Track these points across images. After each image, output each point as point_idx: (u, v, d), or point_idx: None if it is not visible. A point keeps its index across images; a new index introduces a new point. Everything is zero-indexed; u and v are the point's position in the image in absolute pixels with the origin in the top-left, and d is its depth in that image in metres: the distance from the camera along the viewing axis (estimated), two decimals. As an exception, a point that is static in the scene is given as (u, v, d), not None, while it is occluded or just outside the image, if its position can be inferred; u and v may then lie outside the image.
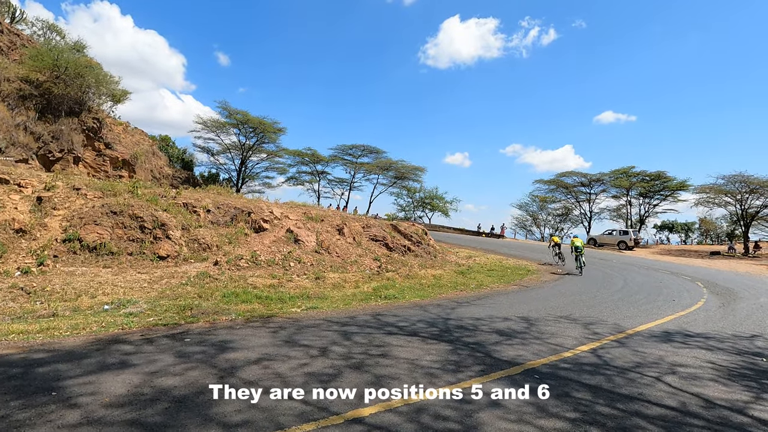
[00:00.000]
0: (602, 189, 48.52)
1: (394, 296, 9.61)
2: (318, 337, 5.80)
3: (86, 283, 7.94)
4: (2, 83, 20.45)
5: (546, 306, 9.24)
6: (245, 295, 8.33)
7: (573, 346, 6.02)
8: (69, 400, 3.39)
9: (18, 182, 9.87)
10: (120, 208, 10.01)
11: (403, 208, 51.08)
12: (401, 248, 15.69)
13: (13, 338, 5.13)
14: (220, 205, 12.78)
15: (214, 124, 39.50)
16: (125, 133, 29.51)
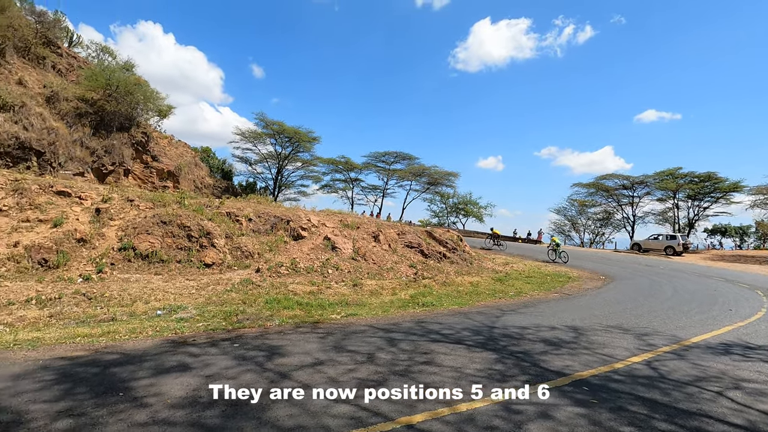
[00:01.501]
0: (646, 192, 46.25)
1: (432, 303, 9.57)
2: (364, 343, 5.87)
3: (140, 289, 8.39)
4: (62, 103, 22.03)
5: (592, 315, 8.92)
6: (287, 302, 8.54)
7: (625, 357, 5.78)
8: (136, 401, 3.61)
9: (79, 195, 10.61)
10: (169, 218, 10.54)
11: (436, 214, 50.72)
12: (437, 255, 15.60)
13: (80, 341, 5.50)
14: (260, 213, 13.19)
15: (252, 135, 40.89)
16: (170, 145, 31.02)
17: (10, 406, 3.43)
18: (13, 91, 19.28)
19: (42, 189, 10.21)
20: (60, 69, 25.25)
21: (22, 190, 9.89)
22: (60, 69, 25.25)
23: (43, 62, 23.79)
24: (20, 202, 9.60)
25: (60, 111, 21.68)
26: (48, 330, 6.04)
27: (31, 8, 24.87)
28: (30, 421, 3.20)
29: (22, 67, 21.91)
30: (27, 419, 3.23)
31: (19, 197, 9.71)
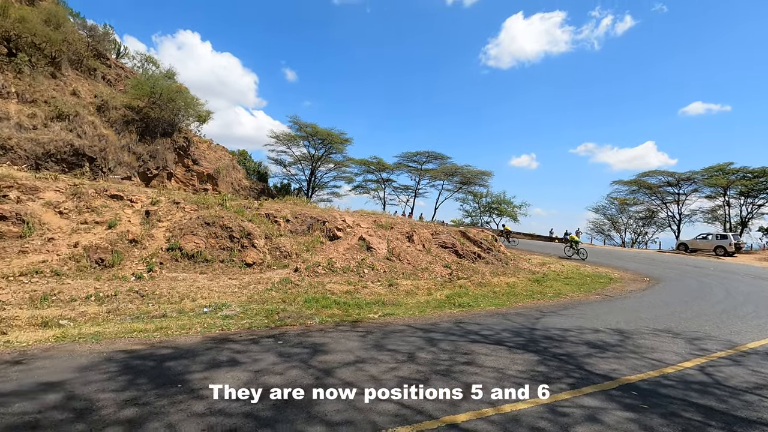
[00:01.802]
0: (693, 189, 43.72)
1: (469, 304, 9.50)
2: (404, 342, 5.93)
3: (187, 288, 8.80)
4: (111, 111, 23.35)
5: (638, 317, 8.59)
6: (325, 301, 8.72)
7: (676, 362, 5.56)
8: (193, 392, 3.82)
9: (130, 198, 11.26)
10: (212, 220, 11.00)
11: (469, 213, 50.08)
12: (471, 255, 15.45)
13: (136, 335, 5.85)
14: (297, 214, 13.52)
15: (286, 138, 41.87)
16: (209, 149, 32.25)
17: (82, 395, 3.71)
18: (68, 101, 20.62)
19: (97, 193, 10.90)
20: (109, 79, 26.80)
21: (80, 194, 10.60)
22: (109, 79, 26.80)
23: (94, 73, 25.30)
24: (78, 205, 10.29)
25: (109, 119, 23.01)
26: (107, 325, 6.45)
27: (83, 23, 26.53)
28: (100, 408, 3.46)
29: (75, 78, 23.39)
30: (97, 407, 3.49)
31: (78, 201, 10.41)
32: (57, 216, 9.80)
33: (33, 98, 19.61)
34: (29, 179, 10.53)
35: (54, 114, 19.52)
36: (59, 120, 19.64)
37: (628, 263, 20.90)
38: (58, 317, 6.60)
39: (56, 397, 3.66)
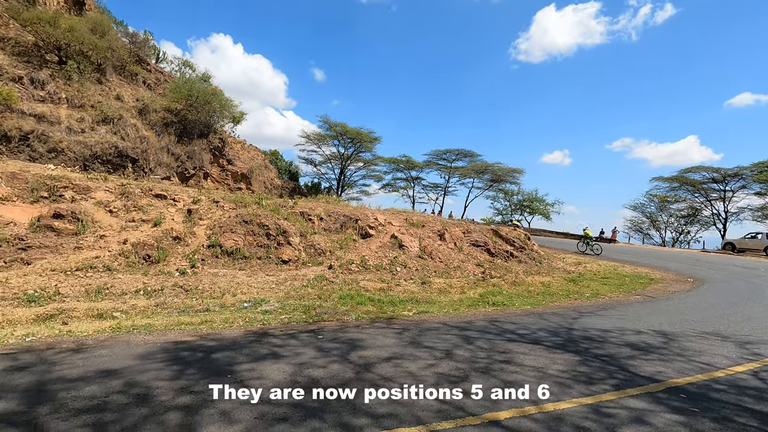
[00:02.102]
0: (741, 185, 41.19)
1: (503, 303, 9.41)
2: (440, 339, 5.97)
3: (227, 283, 9.13)
4: (151, 114, 24.39)
5: (683, 320, 8.27)
6: (359, 298, 8.85)
7: (726, 366, 5.33)
8: (242, 383, 4.00)
9: (173, 197, 11.78)
10: (250, 218, 11.35)
11: (500, 211, 49.36)
12: (503, 254, 15.24)
13: (184, 328, 6.15)
14: (330, 213, 13.74)
15: (316, 137, 42.49)
16: (242, 150, 33.14)
17: (141, 382, 3.96)
18: (112, 105, 21.70)
19: (143, 192, 11.47)
20: (149, 83, 27.99)
21: (128, 194, 11.18)
22: (149, 83, 27.99)
23: (136, 78, 26.49)
24: (126, 204, 10.86)
25: (150, 121, 24.04)
26: (156, 317, 6.80)
27: (125, 30, 27.81)
28: (158, 395, 3.68)
29: (119, 83, 24.57)
30: (155, 394, 3.71)
31: (126, 200, 10.99)
32: (107, 214, 10.38)
33: (81, 103, 20.74)
34: (82, 180, 11.19)
35: (100, 118, 20.59)
36: (104, 123, 20.69)
37: (669, 263, 20.04)
38: (112, 309, 7.01)
39: (118, 383, 3.91)
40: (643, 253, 25.96)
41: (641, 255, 24.33)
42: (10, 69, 17.58)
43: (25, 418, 3.19)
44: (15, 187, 10.16)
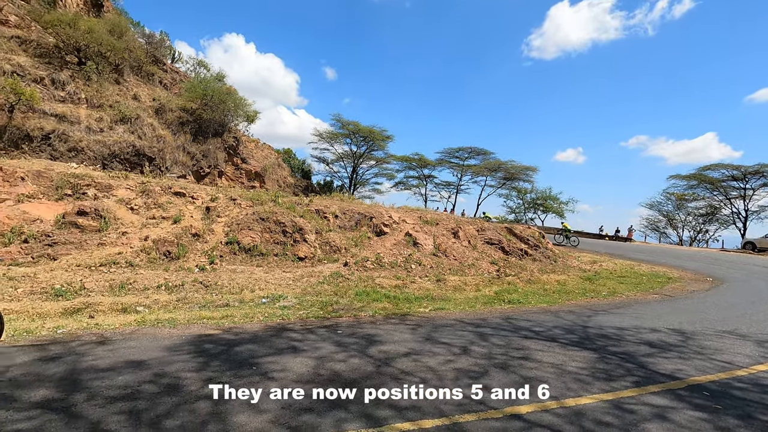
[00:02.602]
0: (763, 183, 40.21)
1: (519, 301, 9.40)
2: (455, 336, 6.02)
3: (245, 279, 9.29)
4: (167, 113, 24.78)
5: (701, 318, 8.17)
6: (375, 294, 8.93)
7: (747, 365, 5.29)
8: (266, 375, 4.11)
9: (191, 195, 12.01)
10: (266, 215, 11.52)
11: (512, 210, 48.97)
12: (518, 252, 15.19)
13: (207, 322, 6.31)
14: (345, 210, 13.85)
15: (329, 135, 42.72)
16: (256, 148, 33.48)
17: (169, 372, 4.09)
18: (130, 105, 22.12)
19: (162, 190, 11.71)
20: (165, 83, 28.44)
21: (148, 192, 11.44)
22: (165, 83, 28.44)
23: (152, 78, 26.94)
24: (147, 201, 11.11)
25: (166, 121, 24.43)
26: (178, 312, 6.98)
27: (142, 31, 28.30)
28: (186, 385, 3.81)
29: (136, 83, 25.02)
30: (183, 384, 3.84)
31: (146, 198, 11.24)
32: (129, 212, 10.63)
33: (100, 103, 21.19)
34: (104, 178, 11.48)
35: (118, 117, 21.01)
36: (122, 123, 21.11)
37: (687, 262, 19.72)
38: (135, 304, 7.21)
39: (148, 373, 4.05)
40: (659, 252, 25.57)
41: (658, 254, 23.98)
42: (32, 70, 18.04)
43: (64, 404, 3.33)
44: (40, 185, 10.47)
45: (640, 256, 21.24)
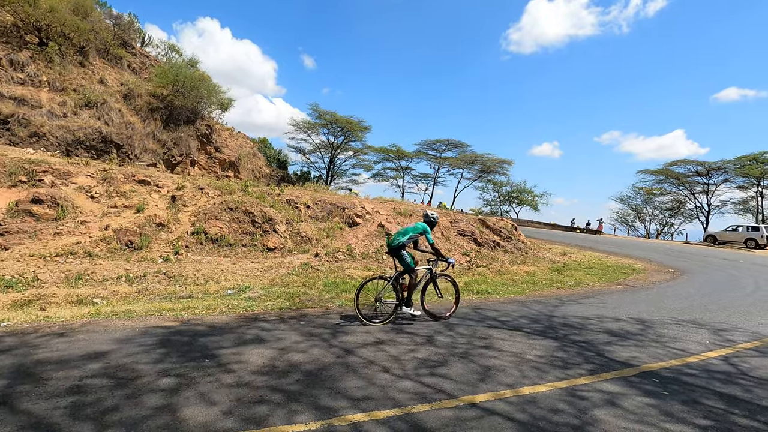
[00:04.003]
0: (724, 179, 42.11)
1: (488, 291, 9.51)
2: (422, 326, 6.02)
3: (212, 270, 9.07)
4: (136, 99, 23.85)
5: (661, 308, 8.45)
6: (344, 285, 8.86)
7: (699, 352, 5.48)
8: (223, 366, 4.01)
9: (157, 183, 11.61)
10: (235, 205, 11.25)
11: (488, 202, 49.74)
12: (490, 243, 15.37)
13: (166, 313, 6.11)
14: (317, 201, 13.68)
15: (306, 125, 42.13)
16: (231, 137, 32.68)
17: (123, 365, 3.93)
18: (96, 89, 21.19)
19: (126, 178, 11.27)
20: (134, 67, 27.34)
21: (110, 179, 10.99)
22: (134, 67, 27.34)
23: (120, 62, 25.85)
24: (108, 189, 10.67)
25: (135, 107, 23.53)
26: (137, 304, 6.74)
27: (109, 12, 27.05)
28: (140, 377, 3.67)
29: (102, 67, 23.96)
30: (137, 376, 3.69)
31: (108, 185, 10.79)
32: (89, 200, 10.19)
33: (63, 86, 20.21)
34: (62, 164, 10.96)
35: (83, 102, 20.10)
36: (88, 108, 20.22)
37: (652, 254, 20.43)
38: (92, 295, 6.93)
39: (97, 366, 3.88)
40: (627, 245, 26.40)
41: (626, 246, 24.75)
42: (-13, 49, 17.05)
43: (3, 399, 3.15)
44: (-8, 171, 9.91)
45: (608, 248, 21.88)
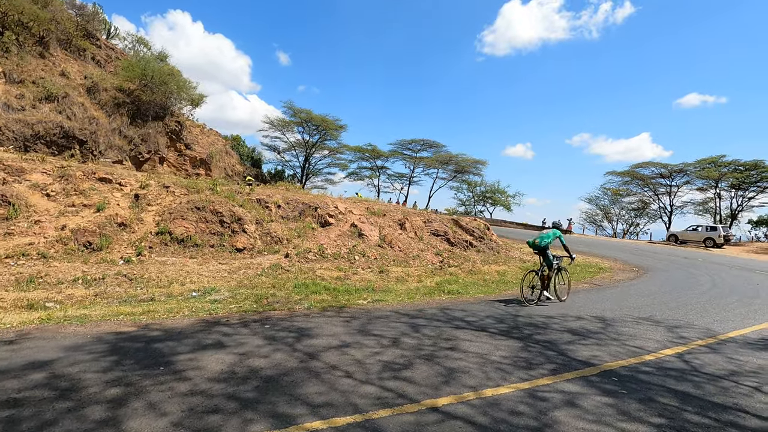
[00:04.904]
0: (686, 181, 44.04)
1: (458, 291, 9.58)
2: (388, 327, 5.98)
3: (176, 272, 8.78)
4: (101, 93, 22.92)
5: (623, 306, 8.71)
6: (314, 287, 8.74)
7: (656, 350, 5.66)
8: (177, 374, 3.85)
9: (119, 181, 11.14)
10: (203, 204, 10.93)
11: (463, 202, 50.30)
12: (463, 243, 15.52)
13: (123, 318, 5.85)
14: (289, 200, 13.47)
15: (280, 123, 41.51)
16: (202, 134, 31.84)
17: (66, 374, 3.72)
18: (57, 82, 20.22)
19: (85, 175, 10.77)
20: (99, 60, 26.25)
21: (68, 177, 10.47)
22: (99, 60, 26.25)
23: (84, 54, 24.77)
24: (66, 188, 10.17)
25: (100, 101, 22.59)
26: (94, 308, 6.44)
27: (71, 2, 25.86)
28: (85, 388, 3.47)
29: (64, 59, 22.88)
30: (82, 386, 3.50)
31: (65, 183, 10.28)
32: (44, 198, 9.68)
33: (21, 78, 19.20)
34: (15, 160, 10.37)
35: (43, 95, 19.15)
36: (48, 101, 19.27)
37: (618, 253, 21.11)
38: (45, 300, 6.57)
39: (39, 376, 3.66)
40: (596, 244, 27.20)
41: (594, 246, 25.49)
42: (-66, 37, 16.03)
43: None
44: (-64, 167, 9.29)
45: (577, 248, 22.45)
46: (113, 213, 9.85)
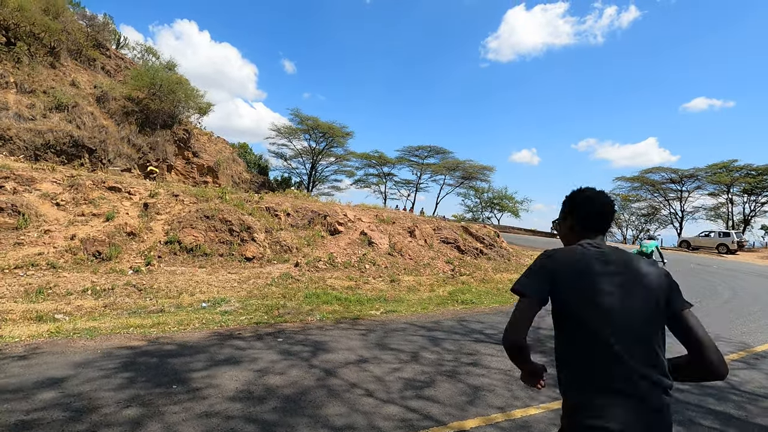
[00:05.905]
0: (696, 186, 43.44)
1: (472, 301, 9.35)
2: (406, 341, 5.78)
3: (186, 282, 8.64)
4: (110, 102, 23.06)
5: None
6: (325, 296, 8.56)
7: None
8: (193, 392, 3.67)
9: (128, 190, 11.08)
10: (212, 213, 10.82)
11: (470, 209, 49.98)
12: (473, 251, 15.29)
13: (133, 331, 5.70)
14: (298, 208, 13.34)
15: (287, 131, 41.63)
16: (209, 142, 31.97)
17: (79, 393, 3.56)
18: (67, 92, 20.36)
19: (95, 184, 10.71)
20: (108, 70, 26.50)
21: (78, 186, 10.41)
22: (108, 70, 26.50)
23: (93, 64, 25.00)
24: (76, 197, 10.11)
25: (109, 110, 22.73)
26: (103, 320, 6.30)
27: (82, 13, 26.18)
28: (98, 408, 3.31)
29: (74, 68, 23.09)
30: (95, 406, 3.33)
31: (75, 192, 10.23)
32: (54, 208, 9.62)
33: (32, 88, 19.36)
34: (26, 170, 10.34)
35: (53, 104, 19.28)
36: (58, 110, 19.40)
37: (631, 261, 20.70)
38: (54, 311, 6.45)
39: (50, 396, 3.50)
40: (606, 251, 26.73)
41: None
42: (-53, 48, 16.20)
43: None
44: (-53, 177, 9.26)
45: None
46: (122, 222, 9.76)
